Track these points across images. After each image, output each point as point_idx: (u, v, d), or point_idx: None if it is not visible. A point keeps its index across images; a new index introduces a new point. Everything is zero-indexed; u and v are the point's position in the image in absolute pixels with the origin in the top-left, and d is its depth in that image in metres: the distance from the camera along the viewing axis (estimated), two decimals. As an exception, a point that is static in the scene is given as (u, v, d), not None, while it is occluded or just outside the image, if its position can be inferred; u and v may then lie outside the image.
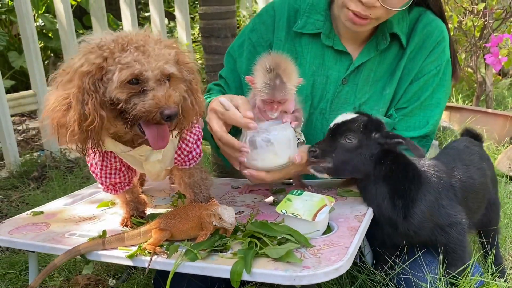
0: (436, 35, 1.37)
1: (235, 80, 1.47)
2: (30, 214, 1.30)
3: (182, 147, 1.16)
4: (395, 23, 1.35)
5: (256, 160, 1.13)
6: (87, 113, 0.90)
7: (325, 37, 1.39)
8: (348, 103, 1.39)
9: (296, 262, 0.89)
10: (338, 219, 1.11)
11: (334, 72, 1.40)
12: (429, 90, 1.37)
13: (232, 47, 1.50)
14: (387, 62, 1.39)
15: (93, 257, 1.05)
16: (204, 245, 0.99)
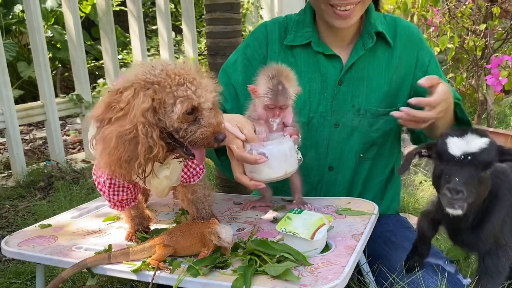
0: (417, 33, 1.52)
1: (230, 93, 1.54)
2: (38, 226, 1.34)
3: (189, 164, 1.21)
4: (378, 24, 1.46)
5: (254, 172, 1.21)
6: (152, 145, 0.99)
7: (315, 44, 1.48)
8: (346, 103, 1.47)
9: (293, 280, 0.93)
10: (336, 237, 1.14)
11: (329, 76, 1.48)
12: (438, 74, 1.46)
13: (226, 64, 1.58)
14: (377, 60, 1.48)
15: (99, 271, 1.09)
16: (206, 262, 1.03)
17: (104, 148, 0.98)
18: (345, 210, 1.32)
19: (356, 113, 1.47)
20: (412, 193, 2.46)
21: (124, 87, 1.00)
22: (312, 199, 1.42)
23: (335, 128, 1.48)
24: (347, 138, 1.49)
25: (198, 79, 1.03)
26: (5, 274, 1.85)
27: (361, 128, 1.47)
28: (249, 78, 1.49)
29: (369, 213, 1.29)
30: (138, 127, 0.97)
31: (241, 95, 1.52)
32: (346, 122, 1.48)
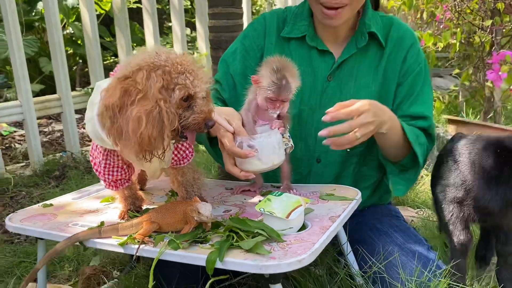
0: (409, 38, 1.52)
1: (229, 83, 1.60)
2: (41, 205, 1.44)
3: (179, 147, 1.29)
4: (372, 25, 1.49)
5: (244, 164, 1.28)
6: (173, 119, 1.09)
7: (310, 39, 1.53)
8: (335, 98, 1.50)
9: (264, 254, 0.99)
10: (314, 219, 1.20)
11: (320, 71, 1.53)
12: (419, 85, 1.50)
13: (226, 54, 1.64)
14: (367, 60, 1.51)
15: (90, 244, 1.17)
16: (187, 237, 1.10)
17: (135, 128, 1.05)
18: (328, 195, 1.37)
19: None
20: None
21: (132, 71, 1.08)
22: (299, 186, 1.48)
23: (322, 122, 1.51)
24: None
25: (195, 71, 1.12)
26: (16, 254, 1.97)
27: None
28: (247, 68, 1.57)
29: (351, 198, 1.34)
30: (160, 103, 1.06)
31: (238, 84, 1.58)
32: None
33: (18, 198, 2.75)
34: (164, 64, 1.09)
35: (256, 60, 1.56)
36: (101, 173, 1.29)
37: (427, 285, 1.22)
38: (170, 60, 1.10)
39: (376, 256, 1.35)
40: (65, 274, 1.82)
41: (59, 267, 1.87)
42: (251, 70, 1.49)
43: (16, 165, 3.33)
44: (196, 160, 3.14)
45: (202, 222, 1.12)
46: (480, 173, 1.31)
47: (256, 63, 1.51)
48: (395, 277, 1.28)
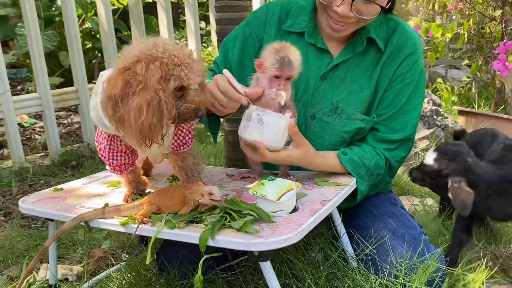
0: (409, 47, 1.48)
1: (226, 66, 1.62)
2: (52, 190, 1.53)
3: (178, 133, 1.35)
4: (372, 29, 1.48)
5: (243, 130, 1.31)
6: (171, 107, 1.16)
7: (308, 35, 1.53)
8: (326, 98, 1.52)
9: (253, 233, 1.05)
10: (306, 203, 1.25)
11: (315, 69, 1.53)
12: (405, 97, 1.49)
13: (228, 38, 1.66)
14: (364, 64, 1.51)
15: (94, 224, 1.25)
16: (184, 217, 1.17)
17: (136, 117, 1.12)
18: (323, 181, 1.42)
19: (333, 110, 1.51)
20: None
21: (132, 63, 1.15)
22: (296, 172, 1.53)
23: (311, 120, 1.53)
24: (320, 132, 1.53)
25: (190, 64, 1.19)
26: (33, 237, 2.08)
27: (334, 126, 1.51)
28: (244, 56, 1.59)
29: (344, 184, 1.38)
30: (159, 94, 1.13)
31: (234, 71, 1.60)
32: (322, 116, 1.52)
33: (37, 186, 2.87)
34: (161, 56, 1.15)
35: (254, 50, 1.58)
36: (106, 157, 1.37)
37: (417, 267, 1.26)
38: (168, 52, 1.16)
39: (369, 240, 1.39)
40: (77, 256, 1.92)
41: (72, 250, 1.97)
42: (249, 59, 1.54)
43: (35, 155, 3.46)
44: (207, 150, 3.21)
45: (200, 204, 1.18)
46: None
47: (253, 53, 1.55)
48: (385, 260, 1.33)
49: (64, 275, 1.72)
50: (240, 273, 1.49)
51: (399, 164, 1.57)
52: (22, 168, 3.06)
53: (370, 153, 1.50)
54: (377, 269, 1.33)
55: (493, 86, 3.12)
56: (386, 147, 1.52)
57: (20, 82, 5.55)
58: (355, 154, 1.48)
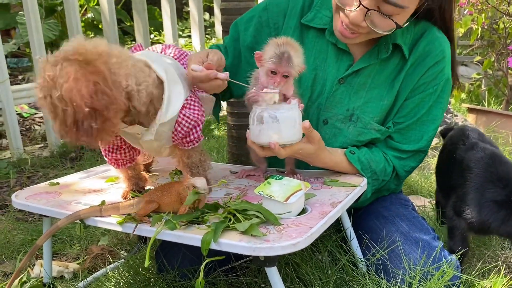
0: (436, 55, 1.37)
1: (235, 50, 1.53)
2: (47, 184, 1.46)
3: (178, 129, 1.25)
4: (399, 34, 1.35)
5: (259, 135, 1.21)
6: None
7: (330, 33, 1.41)
8: (342, 104, 1.42)
9: (259, 236, 0.98)
10: (315, 204, 1.18)
11: (333, 70, 1.42)
12: (425, 108, 1.40)
13: (241, 19, 1.55)
14: (386, 71, 1.40)
15: (91, 222, 1.18)
16: (185, 218, 1.09)
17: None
18: (332, 181, 1.35)
19: (348, 117, 1.41)
20: (427, 176, 2.43)
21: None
22: (304, 171, 1.46)
23: (323, 125, 1.44)
24: (331, 138, 1.44)
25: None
26: (29, 232, 2.01)
27: (347, 134, 1.42)
28: (257, 43, 1.46)
29: (355, 184, 1.31)
30: None
31: (243, 57, 1.51)
32: (334, 122, 1.43)
33: (35, 178, 2.80)
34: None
35: (269, 38, 1.48)
36: (102, 149, 1.30)
37: (431, 274, 1.19)
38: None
39: (380, 244, 1.32)
40: (73, 253, 1.85)
41: (69, 246, 1.90)
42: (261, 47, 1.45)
43: (34, 146, 3.40)
44: (209, 144, 3.14)
45: (196, 200, 1.11)
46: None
47: (267, 41, 1.46)
48: (397, 266, 1.26)
49: (60, 273, 1.66)
50: (243, 275, 1.42)
51: (407, 174, 1.50)
52: (21, 159, 3.00)
53: (378, 157, 1.42)
54: (389, 275, 1.26)
55: (505, 83, 3.04)
56: (397, 155, 1.44)
57: (21, 72, 5.48)
58: (363, 154, 1.40)
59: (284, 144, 1.21)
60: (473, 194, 1.39)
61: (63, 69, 1.00)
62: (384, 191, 1.54)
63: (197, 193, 1.08)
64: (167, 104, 1.17)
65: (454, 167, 1.49)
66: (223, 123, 3.88)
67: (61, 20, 5.36)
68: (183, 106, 1.21)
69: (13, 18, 4.95)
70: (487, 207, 1.36)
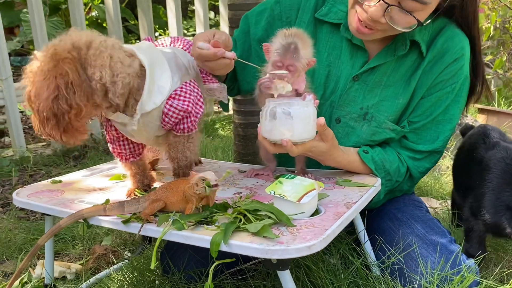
0: (455, 52, 1.31)
1: (245, 43, 1.48)
2: (50, 181, 1.41)
3: (165, 120, 1.20)
4: (417, 30, 1.29)
5: (271, 131, 1.15)
6: None
7: (345, 29, 1.36)
8: (355, 102, 1.37)
9: (271, 237, 0.93)
10: (328, 204, 1.13)
11: (347, 67, 1.37)
12: (442, 107, 1.35)
13: (252, 12, 1.50)
14: (403, 69, 1.35)
15: (94, 222, 1.13)
16: (193, 217, 1.04)
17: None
18: (345, 181, 1.30)
19: (362, 116, 1.37)
20: (438, 177, 2.38)
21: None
22: (315, 171, 1.41)
23: (335, 123, 1.39)
24: (343, 137, 1.39)
25: None
26: (31, 231, 1.97)
27: (360, 133, 1.37)
28: (268, 37, 1.38)
29: (369, 185, 1.26)
30: None
31: (253, 51, 1.45)
32: (348, 121, 1.38)
33: (37, 176, 2.76)
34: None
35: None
36: (108, 140, 1.29)
37: (449, 279, 1.14)
38: None
39: (396, 246, 1.27)
40: (76, 253, 1.81)
41: (71, 246, 1.86)
42: None
43: (37, 144, 3.36)
44: (213, 143, 3.09)
45: (205, 198, 1.06)
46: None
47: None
48: (414, 270, 1.21)
49: (62, 273, 1.61)
50: (252, 278, 1.37)
51: (421, 175, 1.44)
52: (23, 157, 2.95)
53: (392, 157, 1.37)
54: (405, 280, 1.21)
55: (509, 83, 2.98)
56: (411, 155, 1.39)
57: (24, 70, 5.44)
58: (377, 154, 1.35)
59: (297, 141, 1.16)
60: (490, 195, 1.34)
61: (36, 67, 1.04)
62: (397, 192, 1.49)
63: (210, 186, 1.03)
64: (147, 94, 1.14)
65: (472, 166, 1.43)
66: (227, 122, 3.84)
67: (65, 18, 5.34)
68: (170, 96, 1.17)
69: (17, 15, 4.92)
70: (503, 210, 1.30)
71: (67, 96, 1.02)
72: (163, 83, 1.16)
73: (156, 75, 1.15)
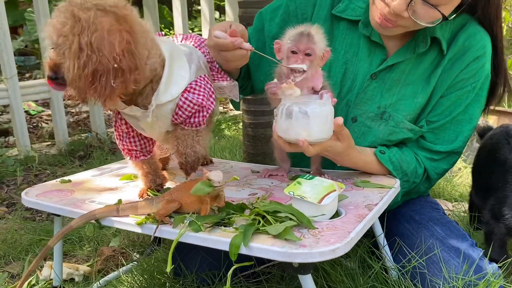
0: (477, 49, 1.28)
1: (259, 41, 1.45)
2: (59, 181, 1.38)
3: (179, 113, 1.16)
4: (438, 26, 1.26)
5: (287, 130, 1.12)
6: None
7: (363, 25, 1.32)
8: (373, 101, 1.33)
9: (293, 240, 0.89)
10: (349, 206, 1.10)
11: (365, 65, 1.34)
12: (462, 106, 1.31)
13: (266, 8, 1.47)
14: (422, 66, 1.31)
15: (107, 223, 1.10)
16: (210, 219, 1.01)
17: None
18: (364, 182, 1.26)
19: (379, 115, 1.33)
20: (449, 179, 2.34)
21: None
22: (331, 171, 1.37)
23: (352, 122, 1.36)
24: (359, 137, 1.36)
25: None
26: (37, 231, 1.93)
27: (377, 133, 1.34)
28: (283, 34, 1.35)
29: (389, 186, 1.23)
30: None
31: (268, 48, 1.41)
32: (364, 120, 1.35)
33: (42, 176, 2.73)
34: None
35: None
36: (116, 136, 1.25)
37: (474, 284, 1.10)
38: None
39: (416, 250, 1.23)
40: (83, 254, 1.77)
41: (78, 247, 1.82)
42: None
43: (42, 144, 3.32)
44: (220, 144, 3.06)
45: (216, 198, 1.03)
46: None
47: None
48: (436, 274, 1.17)
49: (70, 275, 1.58)
50: (266, 281, 1.33)
51: (439, 177, 1.40)
52: (28, 156, 2.92)
53: (409, 157, 1.33)
54: (426, 284, 1.17)
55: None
56: (429, 156, 1.35)
57: (28, 70, 5.42)
58: (394, 154, 1.32)
59: (314, 141, 1.13)
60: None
61: (97, 17, 0.95)
62: (413, 194, 1.45)
63: (210, 186, 0.99)
64: (165, 85, 1.11)
65: (495, 167, 1.39)
66: (233, 122, 3.81)
67: (70, 17, 5.32)
68: (185, 89, 1.14)
69: (21, 15, 4.90)
70: None
71: (136, 53, 0.97)
72: (181, 75, 1.14)
73: (175, 68, 1.13)
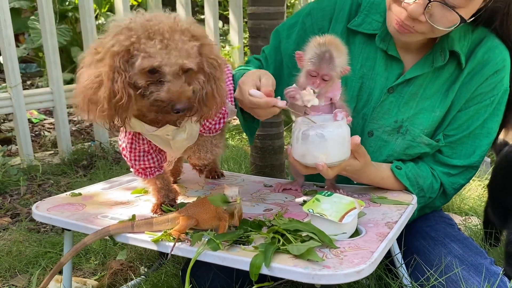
0: (496, 63, 1.26)
1: (276, 60, 1.43)
2: (69, 194, 1.36)
3: (206, 125, 1.18)
4: (456, 40, 1.25)
5: (305, 155, 1.11)
6: (116, 90, 0.95)
7: (380, 39, 1.31)
8: (390, 115, 1.32)
9: (316, 261, 0.87)
10: (368, 224, 1.08)
11: (381, 79, 1.32)
12: (480, 120, 1.29)
13: (282, 25, 1.45)
14: (440, 80, 1.30)
15: (121, 239, 1.08)
16: (228, 237, 0.99)
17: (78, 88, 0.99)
18: (381, 199, 1.24)
19: (396, 129, 1.32)
20: (459, 192, 2.32)
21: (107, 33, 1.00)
22: (345, 186, 1.35)
23: (368, 136, 1.34)
24: (376, 151, 1.34)
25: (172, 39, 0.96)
26: (42, 243, 1.90)
27: (394, 147, 1.32)
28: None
29: (406, 202, 1.21)
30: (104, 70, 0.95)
31: (285, 67, 1.41)
32: (381, 135, 1.33)
33: (46, 186, 2.70)
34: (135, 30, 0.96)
35: None
36: (128, 158, 1.22)
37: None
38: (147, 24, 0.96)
39: (434, 268, 1.21)
40: (90, 267, 1.74)
41: (85, 260, 1.79)
42: None
43: (44, 153, 3.30)
44: (227, 154, 3.04)
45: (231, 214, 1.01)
46: None
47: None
48: (456, 293, 1.15)
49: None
50: (280, 298, 1.31)
51: (455, 192, 1.38)
52: (31, 166, 2.89)
53: (425, 172, 1.32)
54: (446, 304, 1.15)
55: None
56: (446, 171, 1.33)
57: (30, 77, 5.41)
58: (410, 170, 1.30)
59: (332, 164, 1.12)
60: None
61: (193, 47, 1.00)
62: (427, 209, 1.43)
63: (225, 202, 0.98)
64: None
65: None
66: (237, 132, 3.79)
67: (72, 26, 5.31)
68: None
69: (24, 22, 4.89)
70: None
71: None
72: None
73: None
